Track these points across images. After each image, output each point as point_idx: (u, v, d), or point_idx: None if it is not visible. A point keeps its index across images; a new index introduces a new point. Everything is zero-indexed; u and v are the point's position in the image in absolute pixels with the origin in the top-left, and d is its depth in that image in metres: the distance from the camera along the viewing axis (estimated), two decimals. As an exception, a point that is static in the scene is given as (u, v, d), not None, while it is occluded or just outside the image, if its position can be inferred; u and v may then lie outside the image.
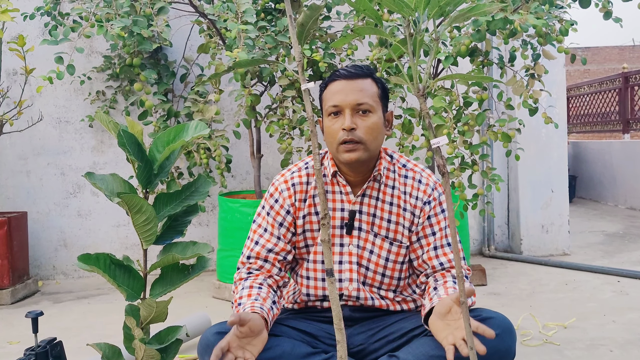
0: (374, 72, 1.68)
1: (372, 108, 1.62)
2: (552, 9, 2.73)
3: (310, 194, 1.72)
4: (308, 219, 1.72)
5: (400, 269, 1.71)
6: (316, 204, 1.72)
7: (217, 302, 3.29)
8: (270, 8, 3.22)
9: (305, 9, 1.10)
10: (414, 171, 1.72)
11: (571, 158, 7.76)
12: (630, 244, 4.60)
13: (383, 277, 1.70)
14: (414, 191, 1.69)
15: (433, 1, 1.06)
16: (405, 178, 1.71)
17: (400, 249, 1.69)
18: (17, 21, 3.57)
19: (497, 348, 1.48)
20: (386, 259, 1.69)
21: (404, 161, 1.75)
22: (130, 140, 1.11)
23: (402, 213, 1.69)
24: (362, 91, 1.60)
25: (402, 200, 1.69)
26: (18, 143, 4.01)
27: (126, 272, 1.17)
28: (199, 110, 3.18)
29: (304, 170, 1.75)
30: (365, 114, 1.60)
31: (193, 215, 1.24)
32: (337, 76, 1.65)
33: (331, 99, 1.63)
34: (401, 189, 1.70)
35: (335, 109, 1.62)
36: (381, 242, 1.69)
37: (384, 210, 1.69)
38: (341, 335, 1.14)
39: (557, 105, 4.12)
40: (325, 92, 1.68)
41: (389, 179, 1.70)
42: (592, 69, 18.36)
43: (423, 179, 1.71)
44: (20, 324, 2.93)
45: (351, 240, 1.69)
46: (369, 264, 1.69)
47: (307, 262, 1.74)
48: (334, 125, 1.62)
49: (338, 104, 1.61)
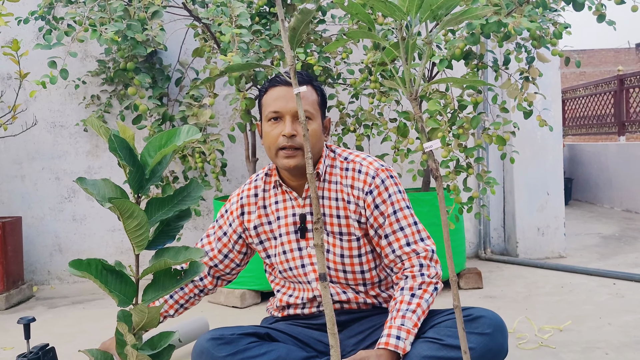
0: (313, 79, 1.71)
1: (312, 115, 1.65)
2: (546, 12, 2.74)
3: (259, 205, 1.77)
4: (261, 229, 1.77)
5: (360, 262, 1.70)
6: (267, 214, 1.76)
7: (212, 306, 3.28)
8: (265, 12, 3.22)
9: (297, 14, 1.10)
10: (354, 162, 1.71)
11: (567, 160, 7.78)
12: (626, 246, 4.61)
13: (345, 274, 1.71)
14: (354, 182, 1.68)
15: (425, 5, 1.06)
16: (346, 171, 1.71)
17: (351, 243, 1.69)
18: (11, 25, 3.55)
19: (489, 346, 1.49)
20: (341, 255, 1.69)
21: (346, 154, 1.75)
22: (121, 145, 1.10)
23: (348, 206, 1.68)
24: (303, 99, 1.62)
25: (346, 194, 1.69)
26: (12, 147, 4.00)
27: (118, 277, 1.16)
28: (194, 114, 3.17)
29: (252, 183, 1.81)
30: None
31: (185, 220, 1.24)
32: (277, 82, 1.67)
33: (271, 104, 1.65)
34: (343, 182, 1.69)
35: (275, 115, 1.64)
36: (333, 240, 1.69)
37: (332, 207, 1.69)
38: (334, 340, 1.13)
39: (552, 108, 4.13)
40: (265, 97, 1.69)
41: (332, 175, 1.71)
42: (587, 71, 18.44)
43: (363, 168, 1.69)
44: (15, 330, 2.91)
45: (307, 242, 1.71)
46: (328, 262, 1.70)
47: (280, 273, 1.78)
48: (273, 130, 1.64)
49: (278, 110, 1.63)
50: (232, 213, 1.81)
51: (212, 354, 1.53)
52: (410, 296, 1.57)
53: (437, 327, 1.54)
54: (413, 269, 1.61)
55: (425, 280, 1.60)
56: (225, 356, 1.52)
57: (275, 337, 1.63)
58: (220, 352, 1.52)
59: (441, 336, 1.50)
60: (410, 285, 1.59)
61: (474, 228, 4.37)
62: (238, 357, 1.52)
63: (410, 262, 1.62)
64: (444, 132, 2.74)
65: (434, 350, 1.47)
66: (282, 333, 1.67)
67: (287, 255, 1.73)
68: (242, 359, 1.52)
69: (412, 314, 1.53)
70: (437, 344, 1.49)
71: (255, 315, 3.01)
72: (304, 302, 1.74)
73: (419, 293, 1.58)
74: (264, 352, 1.53)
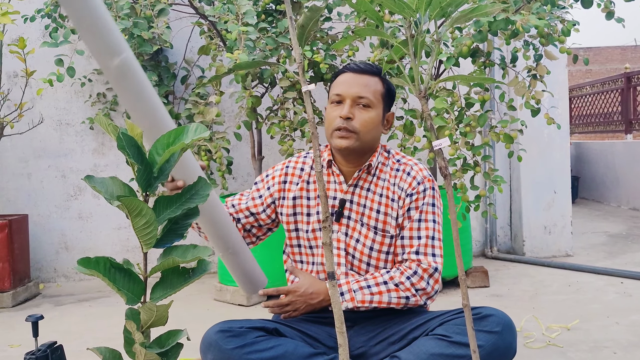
0: (383, 73, 1.75)
1: (372, 104, 1.70)
2: (554, 9, 2.72)
3: (304, 179, 1.81)
4: (299, 201, 1.79)
5: (385, 259, 1.74)
6: (309, 190, 1.79)
7: (218, 304, 3.28)
8: (271, 9, 3.21)
9: (306, 11, 1.10)
10: (406, 164, 1.77)
11: (573, 159, 7.74)
12: (634, 244, 4.58)
13: (368, 266, 1.74)
14: (400, 182, 1.74)
15: (434, 2, 1.05)
16: (396, 171, 1.76)
17: (384, 239, 1.72)
18: (18, 24, 3.56)
19: (497, 345, 1.49)
20: (370, 247, 1.73)
21: (399, 157, 1.81)
22: (129, 143, 1.10)
23: (391, 204, 1.73)
24: (366, 86, 1.69)
25: (391, 192, 1.74)
26: (19, 145, 4.01)
27: (126, 275, 1.16)
28: (200, 112, 3.17)
29: (302, 158, 1.86)
30: (364, 107, 1.69)
31: (193, 218, 1.23)
32: (347, 69, 1.75)
33: (335, 88, 1.73)
34: (391, 181, 1.75)
35: (338, 98, 1.71)
36: (367, 232, 1.73)
37: (374, 201, 1.73)
38: (343, 338, 1.12)
39: (559, 106, 4.11)
40: (334, 83, 1.77)
41: (382, 172, 1.76)
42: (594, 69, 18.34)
43: (412, 172, 1.75)
44: (22, 327, 2.92)
45: (340, 227, 1.75)
46: (355, 252, 1.74)
47: (299, 248, 1.81)
48: (333, 112, 1.71)
49: (341, 94, 1.70)
50: (274, 178, 1.84)
51: (220, 346, 1.53)
52: (382, 279, 1.65)
53: (445, 324, 1.54)
54: (406, 271, 1.66)
55: (406, 284, 1.64)
56: (233, 349, 1.52)
57: (283, 332, 1.64)
58: (228, 344, 1.53)
59: (450, 333, 1.51)
60: (392, 275, 1.65)
61: (480, 226, 4.36)
62: (246, 350, 1.53)
63: (408, 265, 1.67)
64: (451, 130, 2.73)
65: (442, 347, 1.47)
66: (290, 328, 1.67)
67: (317, 233, 1.76)
68: (249, 352, 1.53)
69: (367, 287, 1.64)
70: (446, 341, 1.49)
71: (261, 314, 3.01)
72: None
73: (391, 285, 1.64)
74: (272, 346, 1.54)
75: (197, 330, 1.66)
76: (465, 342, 1.47)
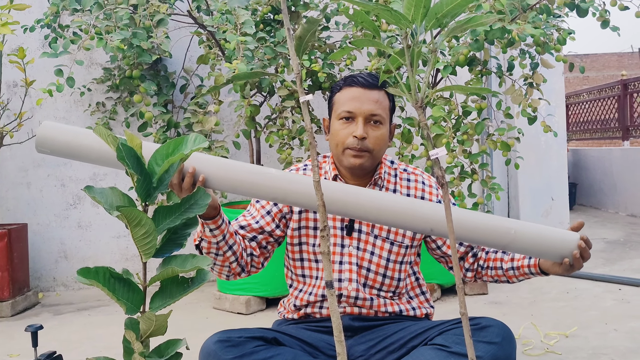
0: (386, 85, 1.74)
1: (383, 120, 1.68)
2: (550, 18, 2.74)
3: None
4: (304, 215, 1.74)
5: (400, 269, 1.74)
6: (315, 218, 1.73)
7: (217, 313, 3.28)
8: (269, 19, 3.23)
9: (304, 22, 1.11)
10: (415, 174, 1.79)
11: (571, 165, 7.76)
12: (631, 251, 4.59)
13: (384, 278, 1.73)
14: (418, 192, 1.75)
15: (430, 13, 1.06)
16: (407, 181, 1.77)
17: (400, 249, 1.72)
18: (17, 34, 3.57)
19: (497, 356, 1.49)
20: (387, 259, 1.72)
21: (404, 166, 1.82)
22: (129, 154, 1.11)
23: None
24: (377, 102, 1.66)
25: None
26: (18, 155, 4.02)
27: (126, 285, 1.16)
28: (199, 121, 3.18)
29: (301, 170, 1.79)
30: (376, 124, 1.66)
31: (192, 228, 1.24)
32: (355, 83, 1.69)
33: (345, 104, 1.67)
34: (404, 192, 1.75)
35: (348, 115, 1.66)
36: (382, 243, 1.72)
37: None
38: (341, 347, 1.13)
39: (556, 113, 4.13)
40: (339, 95, 1.70)
41: (389, 183, 1.76)
42: (591, 76, 18.41)
43: (426, 181, 1.78)
44: (21, 337, 2.92)
45: (351, 241, 1.72)
46: (370, 265, 1.71)
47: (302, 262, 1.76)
48: (344, 129, 1.66)
49: (352, 111, 1.65)
50: None
51: (219, 356, 1.53)
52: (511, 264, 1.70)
53: (445, 334, 1.54)
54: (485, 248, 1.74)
55: None
56: (232, 359, 1.52)
57: (282, 341, 1.63)
58: (227, 354, 1.53)
59: (449, 343, 1.50)
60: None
61: (478, 234, 4.36)
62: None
63: (476, 248, 1.75)
64: (448, 138, 2.74)
65: (441, 357, 1.46)
66: (290, 337, 1.66)
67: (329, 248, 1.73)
68: None
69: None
70: (445, 351, 1.49)
71: (261, 322, 3.01)
72: (324, 295, 1.73)
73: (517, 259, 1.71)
74: (270, 355, 1.54)
75: (196, 339, 1.66)
76: (465, 353, 1.46)
